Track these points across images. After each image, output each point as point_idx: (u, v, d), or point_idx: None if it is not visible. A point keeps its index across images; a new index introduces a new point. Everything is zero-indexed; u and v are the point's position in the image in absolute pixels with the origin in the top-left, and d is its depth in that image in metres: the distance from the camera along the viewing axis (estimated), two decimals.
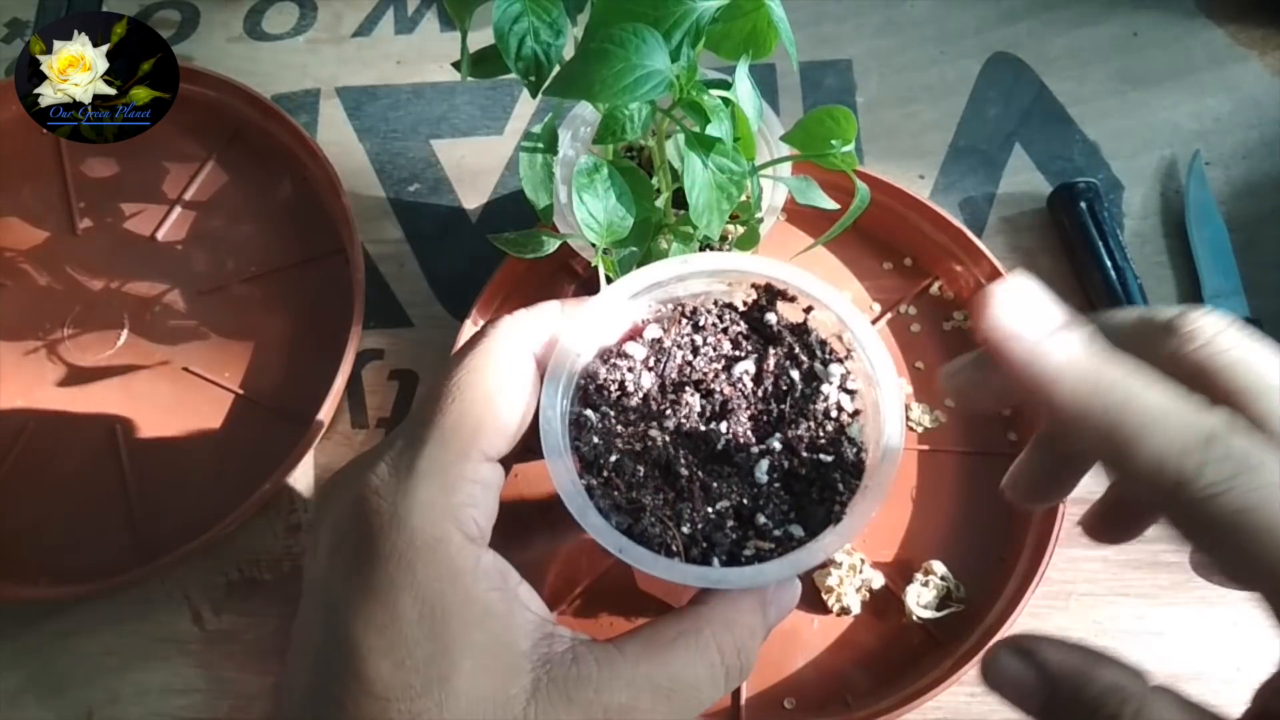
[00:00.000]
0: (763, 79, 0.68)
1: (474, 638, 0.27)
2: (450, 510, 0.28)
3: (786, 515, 0.34)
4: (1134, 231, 0.62)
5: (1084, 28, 0.69)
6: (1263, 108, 0.65)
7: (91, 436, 0.58)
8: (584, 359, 0.35)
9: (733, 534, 0.33)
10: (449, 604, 0.27)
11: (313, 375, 0.57)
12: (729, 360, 0.36)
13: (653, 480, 0.33)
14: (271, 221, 0.64)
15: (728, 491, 0.33)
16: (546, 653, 0.28)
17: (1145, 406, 0.23)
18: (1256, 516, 0.22)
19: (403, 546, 0.27)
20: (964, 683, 0.48)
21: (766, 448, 0.34)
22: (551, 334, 0.34)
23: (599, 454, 0.34)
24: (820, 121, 0.39)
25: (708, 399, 0.35)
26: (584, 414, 0.34)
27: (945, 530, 0.53)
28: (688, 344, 0.36)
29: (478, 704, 0.27)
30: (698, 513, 0.33)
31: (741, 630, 0.31)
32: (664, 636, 0.30)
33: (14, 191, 0.66)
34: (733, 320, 0.37)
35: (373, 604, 0.27)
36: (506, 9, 0.35)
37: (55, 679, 0.53)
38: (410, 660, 0.27)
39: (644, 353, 0.36)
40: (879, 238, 0.60)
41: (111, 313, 0.61)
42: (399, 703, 0.26)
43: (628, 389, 0.35)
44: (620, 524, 0.32)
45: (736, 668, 0.30)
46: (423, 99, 0.69)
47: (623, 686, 0.28)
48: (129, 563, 0.53)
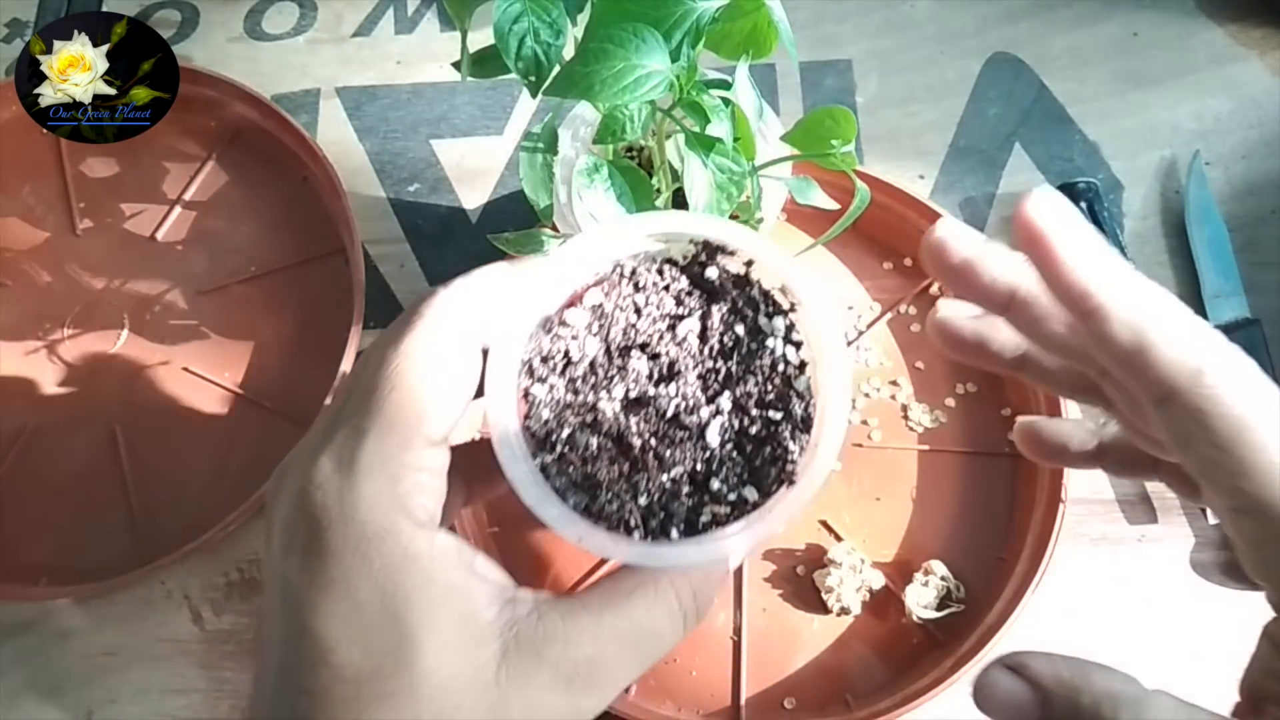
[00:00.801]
0: (763, 79, 0.68)
1: (436, 616, 0.28)
2: (397, 501, 0.28)
3: (740, 478, 0.33)
4: (1134, 231, 0.62)
5: (1084, 28, 0.69)
6: (1263, 108, 0.65)
7: (91, 436, 0.58)
8: (528, 329, 0.34)
9: (688, 500, 0.33)
10: (409, 589, 0.28)
11: (313, 375, 0.57)
12: (673, 319, 0.35)
13: (606, 452, 0.33)
14: (271, 221, 0.64)
15: (681, 458, 0.33)
16: (511, 617, 0.29)
17: (1176, 313, 0.25)
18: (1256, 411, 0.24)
19: (354, 539, 0.28)
20: (964, 683, 0.48)
21: (717, 408, 0.34)
22: (492, 302, 0.33)
23: (550, 429, 0.33)
24: (820, 121, 0.40)
25: (654, 361, 0.35)
26: (531, 389, 0.34)
27: (945, 530, 0.53)
28: (630, 305, 0.35)
29: (449, 678, 0.27)
30: (653, 483, 0.33)
31: (696, 575, 0.32)
32: (624, 586, 0.30)
33: (14, 191, 0.66)
34: (673, 277, 0.36)
35: (333, 597, 0.27)
36: (506, 9, 0.35)
37: (55, 679, 0.53)
38: (377, 645, 0.27)
39: (587, 319, 0.35)
40: (879, 238, 0.60)
41: (111, 313, 0.61)
42: (370, 685, 0.27)
43: (573, 358, 0.34)
44: (578, 504, 0.32)
45: (693, 610, 0.31)
46: (423, 99, 0.69)
47: (589, 639, 0.29)
48: (129, 563, 0.53)
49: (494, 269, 0.34)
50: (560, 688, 0.28)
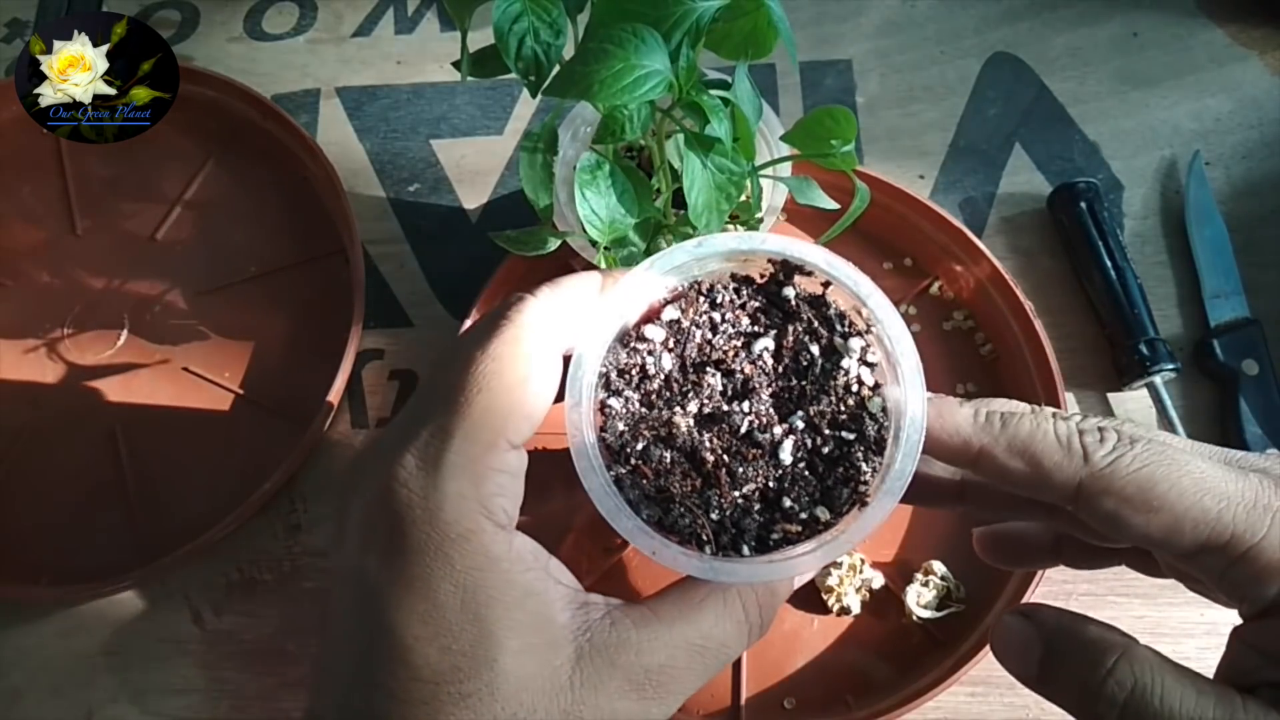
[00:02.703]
0: (763, 79, 0.68)
1: (515, 618, 0.28)
2: (481, 502, 0.29)
3: (812, 497, 0.34)
4: (1134, 231, 0.62)
5: (1084, 28, 0.69)
6: (1263, 108, 0.65)
7: (91, 436, 0.58)
8: (608, 342, 0.35)
9: (759, 518, 0.33)
10: (489, 589, 0.28)
11: (313, 375, 0.57)
12: (748, 337, 0.36)
13: (679, 466, 0.33)
14: (271, 221, 0.64)
15: (753, 475, 0.33)
16: (585, 621, 0.30)
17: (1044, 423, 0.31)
18: (1152, 472, 0.28)
19: (437, 539, 0.28)
20: (964, 683, 0.48)
21: (790, 427, 0.34)
22: (577, 315, 0.33)
23: (625, 442, 0.34)
24: (820, 121, 0.39)
25: (729, 378, 0.35)
26: (608, 402, 0.34)
27: (945, 530, 0.53)
28: (706, 323, 0.36)
29: (526, 679, 0.28)
30: (725, 498, 0.33)
31: (764, 591, 0.33)
32: (694, 597, 0.31)
33: (14, 191, 0.66)
34: (750, 295, 0.36)
35: (413, 595, 0.28)
36: (506, 9, 0.35)
37: (55, 679, 0.53)
38: (456, 645, 0.27)
39: (663, 334, 0.35)
40: (879, 238, 0.60)
41: (111, 313, 0.61)
42: (448, 685, 0.27)
43: (649, 372, 0.35)
44: (651, 516, 0.33)
45: (758, 624, 0.32)
46: (423, 99, 0.69)
47: (661, 647, 0.30)
48: (129, 563, 0.53)
49: (581, 278, 0.34)
50: (632, 694, 0.29)
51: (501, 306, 0.32)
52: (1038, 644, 0.31)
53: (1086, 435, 0.30)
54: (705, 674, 0.31)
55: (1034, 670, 0.31)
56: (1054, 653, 0.30)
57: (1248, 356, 0.56)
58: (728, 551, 0.33)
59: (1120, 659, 0.29)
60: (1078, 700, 0.30)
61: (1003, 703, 0.50)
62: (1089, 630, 0.30)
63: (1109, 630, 0.30)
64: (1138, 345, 0.55)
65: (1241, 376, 0.55)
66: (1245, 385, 0.55)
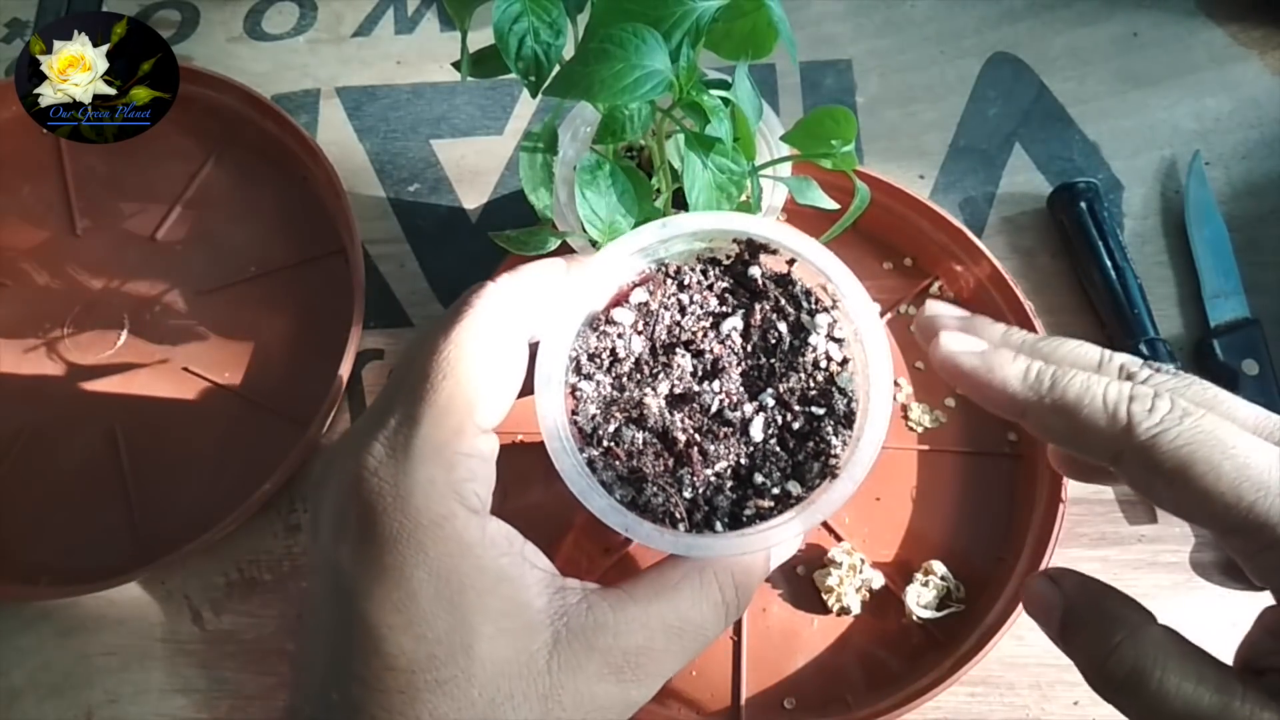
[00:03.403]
0: (763, 79, 0.68)
1: (490, 604, 0.28)
2: (452, 487, 0.28)
3: (784, 472, 0.34)
4: (1134, 231, 0.62)
5: (1084, 28, 0.69)
6: (1263, 108, 0.65)
7: (91, 436, 0.58)
8: (577, 326, 0.35)
9: (732, 494, 0.33)
10: (463, 576, 0.28)
11: (313, 375, 0.57)
12: (716, 317, 0.36)
13: (651, 447, 0.34)
14: (271, 221, 0.64)
15: (725, 453, 0.34)
16: (561, 605, 0.29)
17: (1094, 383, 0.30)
18: (1193, 452, 0.28)
19: (409, 526, 0.28)
20: (964, 683, 0.48)
21: (760, 404, 0.34)
22: (542, 298, 0.33)
23: (597, 425, 0.34)
24: (820, 121, 0.39)
25: (698, 358, 0.35)
26: (579, 385, 0.34)
27: (945, 530, 0.53)
28: (674, 304, 0.36)
29: (502, 665, 0.28)
30: (697, 477, 0.33)
31: (739, 570, 0.33)
32: (670, 579, 0.31)
33: (14, 191, 0.66)
34: (717, 276, 0.37)
35: (386, 583, 0.27)
36: (506, 9, 0.35)
37: (55, 679, 0.53)
38: (431, 633, 0.27)
39: (632, 317, 0.36)
40: (879, 238, 0.60)
41: (111, 313, 0.61)
42: (424, 673, 0.27)
43: (619, 355, 0.35)
44: (624, 497, 0.33)
45: (735, 603, 0.32)
46: (423, 99, 0.69)
47: (639, 629, 0.30)
48: (129, 563, 0.53)
49: (543, 264, 0.34)
50: (610, 677, 0.29)
51: (464, 295, 0.32)
52: (1058, 609, 0.32)
53: (1135, 403, 0.29)
54: (684, 655, 0.31)
55: (1055, 632, 0.32)
56: (1071, 620, 0.31)
57: (1248, 356, 0.56)
58: (701, 529, 0.33)
59: (1125, 639, 0.29)
60: (1085, 670, 0.31)
61: (1003, 703, 0.50)
62: (1104, 603, 0.31)
63: (1125, 606, 0.31)
64: (1138, 345, 0.55)
65: (1241, 376, 0.55)
66: (1245, 385, 0.55)
